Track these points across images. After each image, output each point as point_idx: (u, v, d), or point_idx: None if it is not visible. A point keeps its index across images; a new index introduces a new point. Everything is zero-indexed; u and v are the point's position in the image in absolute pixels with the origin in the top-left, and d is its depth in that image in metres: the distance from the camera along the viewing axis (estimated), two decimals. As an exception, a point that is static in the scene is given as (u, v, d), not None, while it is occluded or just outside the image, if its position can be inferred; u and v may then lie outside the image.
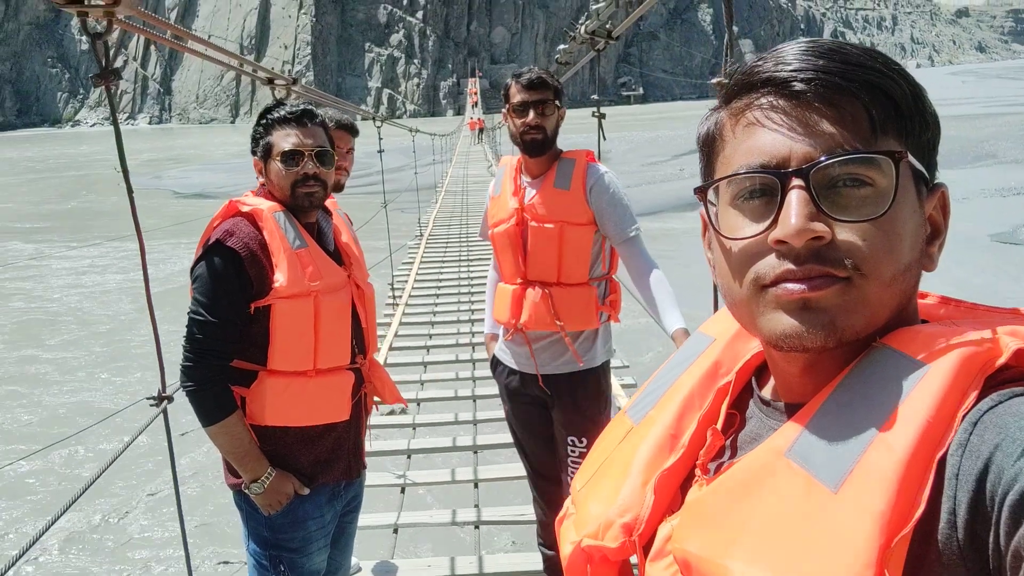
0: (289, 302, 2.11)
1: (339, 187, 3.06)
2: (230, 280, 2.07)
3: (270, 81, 3.85)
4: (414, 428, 5.43)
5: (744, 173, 0.69)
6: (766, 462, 0.67)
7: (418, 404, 5.82)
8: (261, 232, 2.12)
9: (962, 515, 0.56)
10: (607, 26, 3.97)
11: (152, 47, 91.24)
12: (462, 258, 11.17)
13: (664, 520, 0.78)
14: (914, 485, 0.58)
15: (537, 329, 2.70)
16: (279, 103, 2.28)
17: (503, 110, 2.71)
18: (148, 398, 2.31)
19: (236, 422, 2.12)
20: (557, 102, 2.63)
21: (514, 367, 2.84)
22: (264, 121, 2.24)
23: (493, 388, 4.33)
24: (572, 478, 2.04)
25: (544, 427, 2.84)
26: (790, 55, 0.68)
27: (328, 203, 2.45)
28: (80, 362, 9.74)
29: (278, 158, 2.19)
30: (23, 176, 36.30)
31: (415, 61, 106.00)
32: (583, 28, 4.13)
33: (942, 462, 0.58)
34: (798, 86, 0.66)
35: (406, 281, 9.58)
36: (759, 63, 0.70)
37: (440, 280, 9.83)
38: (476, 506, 4.19)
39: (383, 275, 8.76)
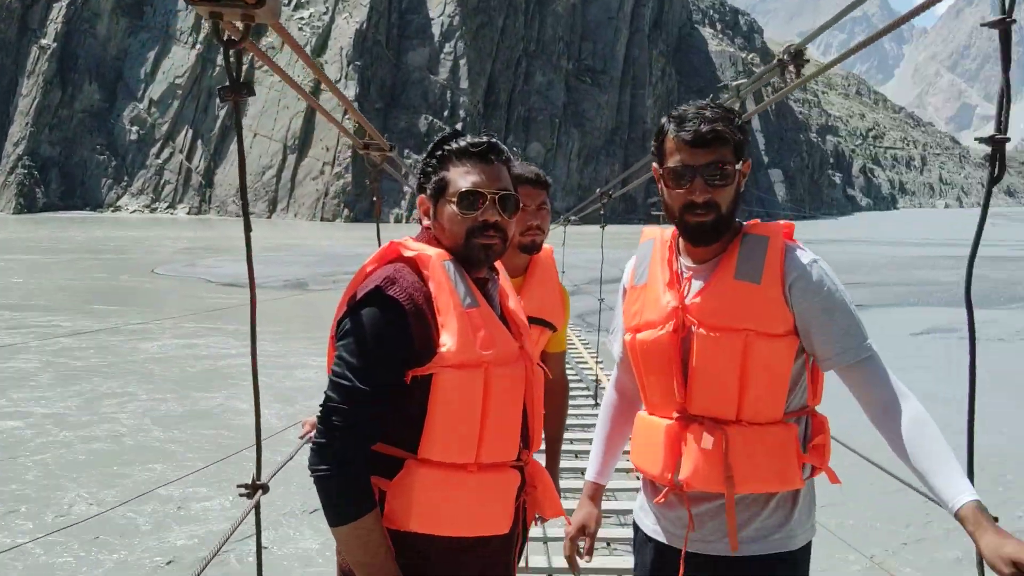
0: (456, 372, 1.70)
1: (535, 248, 2.76)
2: (390, 338, 1.68)
3: (366, 147, 3.63)
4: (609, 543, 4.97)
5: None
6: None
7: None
8: (426, 283, 1.74)
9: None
10: (736, 107, 2.85)
11: (199, 141, 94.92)
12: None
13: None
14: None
15: (706, 488, 1.82)
16: (455, 132, 1.90)
17: (653, 164, 1.94)
18: (240, 486, 1.91)
19: (373, 524, 1.67)
20: (737, 163, 1.84)
21: (660, 538, 1.95)
22: (440, 153, 1.86)
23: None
24: None
25: None
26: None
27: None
28: (169, 436, 9.65)
29: (453, 199, 1.80)
30: (62, 256, 37.10)
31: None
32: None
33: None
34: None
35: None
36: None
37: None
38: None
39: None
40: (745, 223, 1.94)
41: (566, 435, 7.98)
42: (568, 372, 10.93)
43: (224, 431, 10.07)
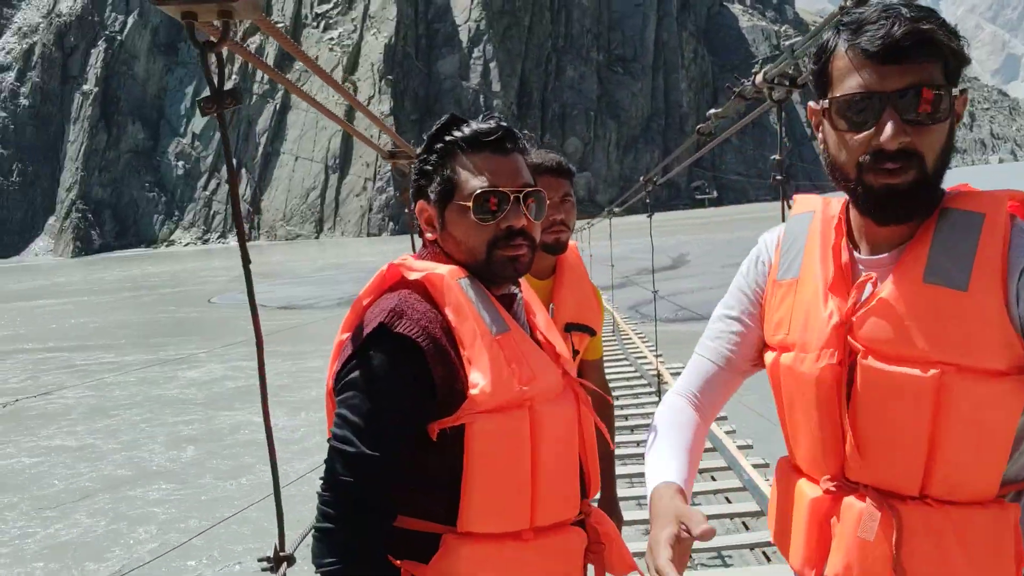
0: (494, 418, 1.35)
1: (561, 247, 2.35)
2: (403, 387, 1.35)
3: (391, 155, 3.38)
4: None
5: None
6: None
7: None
8: (441, 310, 1.40)
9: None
10: (790, 71, 2.86)
11: (243, 169, 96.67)
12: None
13: None
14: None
15: None
16: (455, 117, 1.51)
17: (810, 104, 1.25)
18: (262, 559, 1.66)
19: None
20: (950, 87, 1.14)
21: None
22: (440, 146, 1.49)
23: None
24: None
25: None
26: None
27: None
28: (180, 504, 9.09)
29: (467, 203, 1.44)
30: (118, 295, 38.00)
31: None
32: (759, 76, 3.12)
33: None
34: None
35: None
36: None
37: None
38: None
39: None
40: (947, 190, 1.23)
41: (629, 437, 7.37)
42: (627, 368, 10.38)
43: (242, 448, 9.95)
